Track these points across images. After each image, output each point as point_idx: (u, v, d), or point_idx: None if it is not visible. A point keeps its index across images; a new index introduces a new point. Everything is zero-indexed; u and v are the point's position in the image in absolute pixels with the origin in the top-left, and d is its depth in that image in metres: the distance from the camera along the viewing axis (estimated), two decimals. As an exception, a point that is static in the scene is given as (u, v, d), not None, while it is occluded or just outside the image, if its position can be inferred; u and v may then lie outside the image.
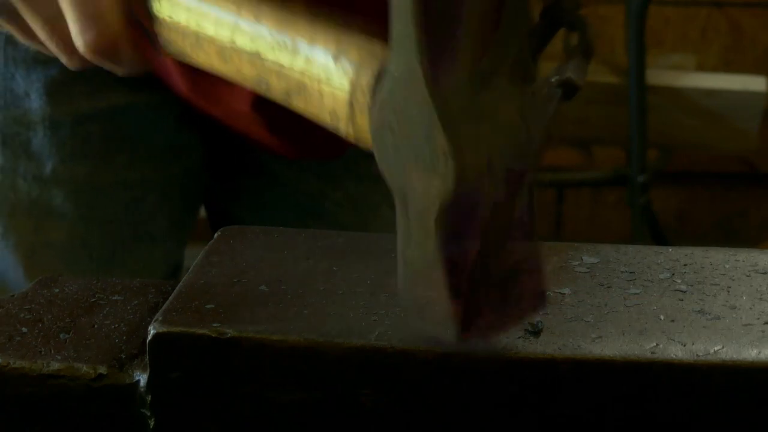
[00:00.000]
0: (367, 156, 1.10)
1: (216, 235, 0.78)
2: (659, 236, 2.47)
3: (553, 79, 0.92)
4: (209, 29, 0.73)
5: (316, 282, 0.71)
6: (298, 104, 0.70)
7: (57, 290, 0.76)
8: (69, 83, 1.05)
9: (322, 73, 0.67)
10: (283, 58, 0.69)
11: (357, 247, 0.76)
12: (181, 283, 0.71)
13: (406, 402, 0.65)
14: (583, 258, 0.74)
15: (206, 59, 0.74)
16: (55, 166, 1.05)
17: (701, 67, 2.62)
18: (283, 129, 1.05)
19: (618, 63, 2.45)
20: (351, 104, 0.66)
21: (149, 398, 0.67)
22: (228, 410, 0.66)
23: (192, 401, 0.66)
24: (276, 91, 0.71)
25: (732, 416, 0.63)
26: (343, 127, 0.68)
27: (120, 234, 1.08)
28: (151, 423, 0.67)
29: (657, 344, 0.64)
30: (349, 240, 0.77)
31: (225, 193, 1.17)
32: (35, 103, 1.05)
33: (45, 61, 1.04)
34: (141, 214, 1.09)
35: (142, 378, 0.67)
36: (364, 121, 0.66)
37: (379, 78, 0.63)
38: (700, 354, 0.63)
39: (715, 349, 0.64)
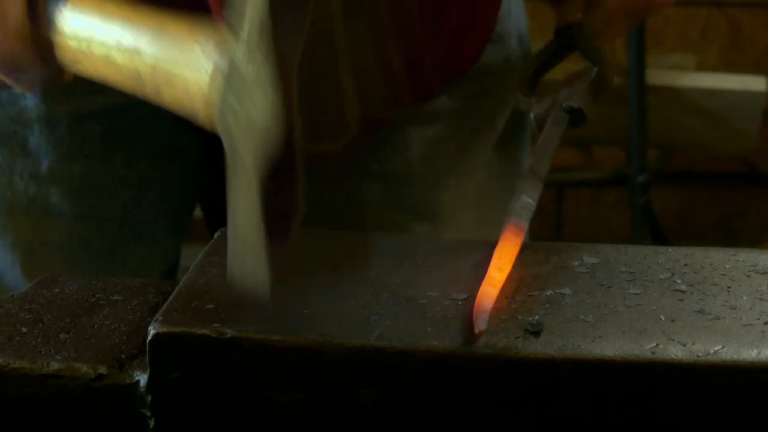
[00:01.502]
0: (367, 155, 1.10)
1: (216, 235, 0.78)
2: (659, 236, 2.47)
3: (564, 104, 0.93)
4: (100, 32, 0.77)
5: (317, 282, 0.71)
6: (166, 100, 0.75)
7: (57, 290, 0.76)
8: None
9: (169, 75, 0.74)
10: (141, 64, 0.75)
11: (357, 247, 0.76)
12: (181, 283, 0.71)
13: (406, 402, 0.65)
14: (583, 258, 0.74)
15: (94, 66, 0.79)
16: (52, 165, 1.05)
17: (701, 67, 2.62)
18: None
19: (618, 63, 2.45)
20: (203, 97, 0.72)
21: (149, 398, 0.67)
22: (228, 410, 0.66)
23: (192, 401, 0.66)
24: (149, 93, 0.76)
25: (732, 416, 0.63)
26: (201, 118, 0.73)
27: (118, 233, 1.08)
28: (151, 423, 0.67)
29: (657, 344, 0.64)
30: (349, 240, 0.77)
31: (222, 191, 1.17)
32: (31, 101, 1.05)
33: None
34: (139, 213, 1.09)
35: (142, 378, 0.67)
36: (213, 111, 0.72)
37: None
38: (700, 354, 0.63)
39: (715, 349, 0.64)
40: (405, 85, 1.07)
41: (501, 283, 0.69)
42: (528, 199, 0.80)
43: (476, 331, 0.64)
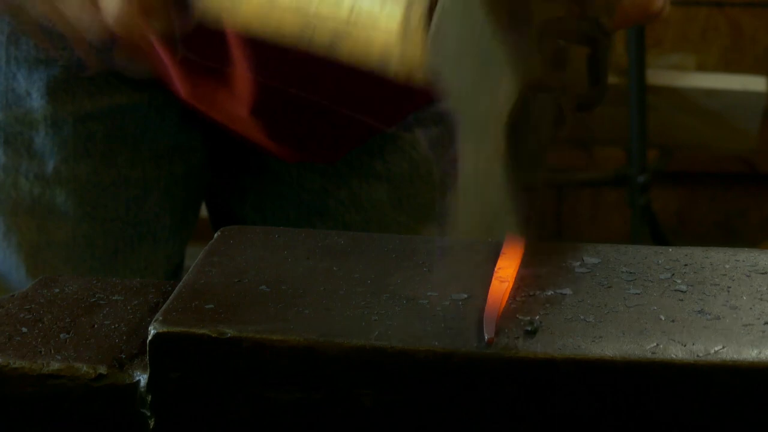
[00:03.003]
0: (371, 154, 1.11)
1: (216, 235, 0.78)
2: (659, 236, 2.47)
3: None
4: None
5: (316, 282, 0.71)
6: (343, 52, 0.72)
7: (57, 290, 0.76)
8: (71, 83, 1.05)
9: (368, 20, 0.71)
10: (326, 10, 0.71)
11: (357, 247, 0.76)
12: (181, 283, 0.71)
13: (406, 402, 0.65)
14: (583, 258, 0.74)
15: (245, 18, 0.75)
16: (57, 165, 1.05)
17: (701, 67, 2.62)
18: (282, 134, 1.05)
19: (618, 63, 2.45)
20: (401, 41, 0.70)
21: (149, 398, 0.67)
22: (228, 410, 0.66)
23: (192, 401, 0.66)
24: (319, 42, 0.72)
25: (732, 416, 0.63)
26: (394, 66, 0.71)
27: (122, 233, 1.08)
28: (151, 423, 0.67)
29: (657, 344, 0.64)
30: (349, 240, 0.77)
31: (228, 192, 1.17)
32: (37, 102, 1.05)
33: (47, 60, 1.04)
34: (143, 213, 1.09)
35: (142, 378, 0.67)
36: (415, 53, 0.69)
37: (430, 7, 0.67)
38: (700, 354, 0.63)
39: (715, 349, 0.64)
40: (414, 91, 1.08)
41: (508, 289, 0.69)
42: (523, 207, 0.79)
43: (486, 338, 0.64)
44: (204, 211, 1.21)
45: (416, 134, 1.10)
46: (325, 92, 1.03)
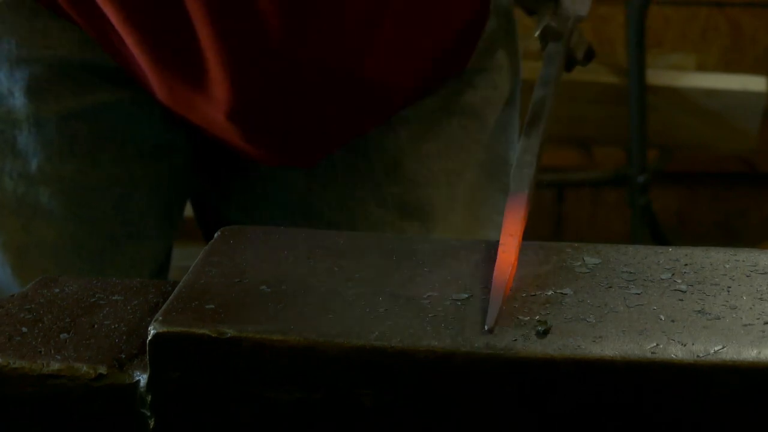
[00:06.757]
0: (356, 153, 1.10)
1: (216, 235, 0.78)
2: (659, 236, 2.47)
3: (536, 34, 0.96)
4: None
5: (316, 282, 0.71)
6: None
7: (57, 290, 0.76)
8: (54, 81, 1.04)
9: None
10: None
11: (357, 247, 0.76)
12: (181, 283, 0.71)
13: (406, 402, 0.65)
14: (583, 258, 0.74)
15: None
16: (41, 164, 1.04)
17: (701, 67, 2.62)
18: (259, 139, 1.05)
19: (618, 63, 2.45)
20: None
21: (149, 398, 0.67)
22: (228, 410, 0.66)
23: (192, 401, 0.66)
24: None
25: (732, 416, 0.63)
26: None
27: (109, 232, 1.08)
28: (151, 423, 0.67)
29: (657, 344, 0.64)
30: (349, 240, 0.77)
31: (213, 191, 1.17)
32: (19, 101, 1.04)
33: (29, 59, 1.03)
34: (129, 212, 1.08)
35: (142, 378, 0.67)
36: None
37: None
38: (700, 354, 0.63)
39: (715, 349, 0.64)
40: (397, 92, 1.08)
41: (515, 256, 0.69)
42: (525, 170, 0.80)
43: (487, 327, 0.64)
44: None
45: (399, 133, 1.10)
46: (304, 98, 1.03)
